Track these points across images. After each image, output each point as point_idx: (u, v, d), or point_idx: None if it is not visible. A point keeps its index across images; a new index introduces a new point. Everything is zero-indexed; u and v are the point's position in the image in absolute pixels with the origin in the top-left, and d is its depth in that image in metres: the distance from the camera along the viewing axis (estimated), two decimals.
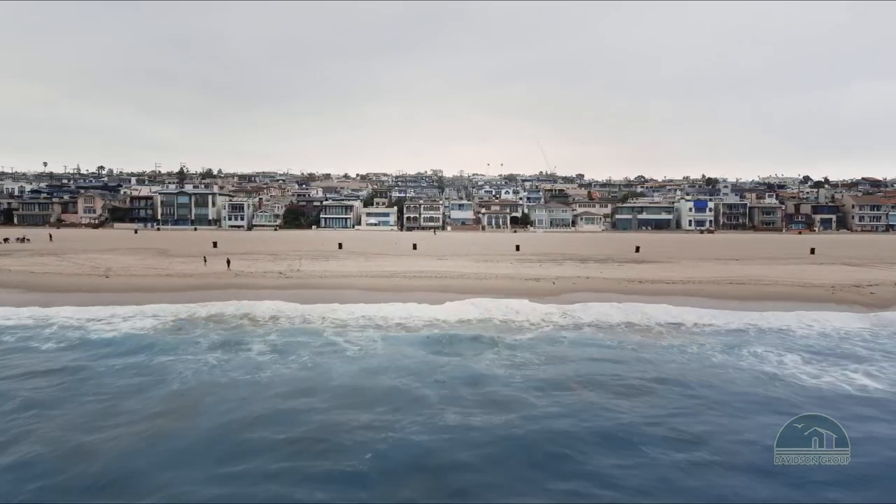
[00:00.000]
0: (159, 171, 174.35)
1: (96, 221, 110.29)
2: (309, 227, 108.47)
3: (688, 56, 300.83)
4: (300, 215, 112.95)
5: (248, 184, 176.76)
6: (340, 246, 59.03)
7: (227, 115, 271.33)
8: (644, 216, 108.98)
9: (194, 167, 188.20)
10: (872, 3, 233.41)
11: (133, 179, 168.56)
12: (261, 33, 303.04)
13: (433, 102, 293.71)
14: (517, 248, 58.00)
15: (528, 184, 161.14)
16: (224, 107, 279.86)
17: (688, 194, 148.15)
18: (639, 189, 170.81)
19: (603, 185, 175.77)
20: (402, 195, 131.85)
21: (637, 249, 56.77)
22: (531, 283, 35.43)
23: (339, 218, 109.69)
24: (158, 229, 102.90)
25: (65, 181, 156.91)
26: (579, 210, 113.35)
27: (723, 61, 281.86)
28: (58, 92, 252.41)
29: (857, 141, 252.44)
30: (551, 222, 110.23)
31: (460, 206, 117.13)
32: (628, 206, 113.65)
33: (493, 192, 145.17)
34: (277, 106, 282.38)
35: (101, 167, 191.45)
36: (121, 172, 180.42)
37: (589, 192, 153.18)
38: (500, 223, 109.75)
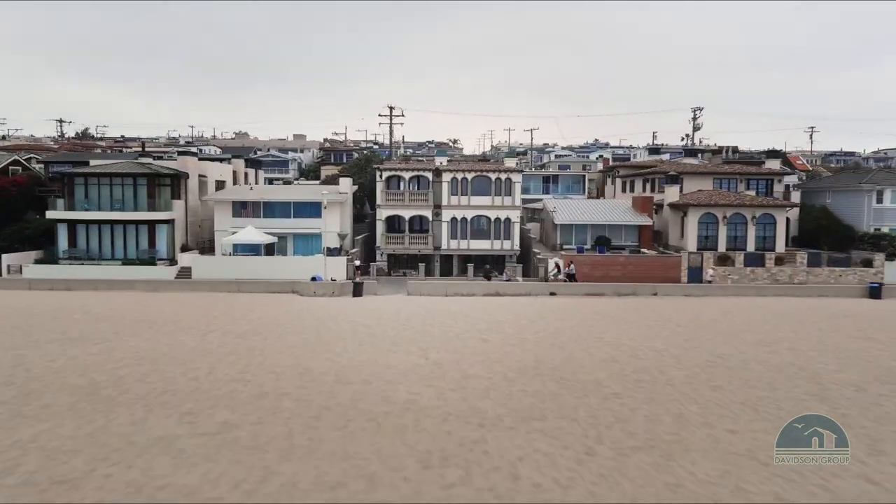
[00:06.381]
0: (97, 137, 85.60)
1: None
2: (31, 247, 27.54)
3: (704, 32, 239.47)
4: (20, 209, 31.70)
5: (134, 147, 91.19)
6: None
7: (222, 91, 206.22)
8: None
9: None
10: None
11: None
12: (259, 4, 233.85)
13: (436, 77, 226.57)
14: None
15: (605, 150, 78.86)
16: (219, 82, 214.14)
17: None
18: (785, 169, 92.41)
19: (715, 151, 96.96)
20: (383, 154, 51.07)
21: None
22: None
23: (118, 223, 28.58)
24: None
25: None
26: None
27: (744, 36, 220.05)
28: (41, 63, 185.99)
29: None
30: None
31: (572, 185, 37.67)
32: None
33: (575, 160, 64.59)
34: (274, 80, 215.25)
35: None
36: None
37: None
38: (751, 241, 30.34)
